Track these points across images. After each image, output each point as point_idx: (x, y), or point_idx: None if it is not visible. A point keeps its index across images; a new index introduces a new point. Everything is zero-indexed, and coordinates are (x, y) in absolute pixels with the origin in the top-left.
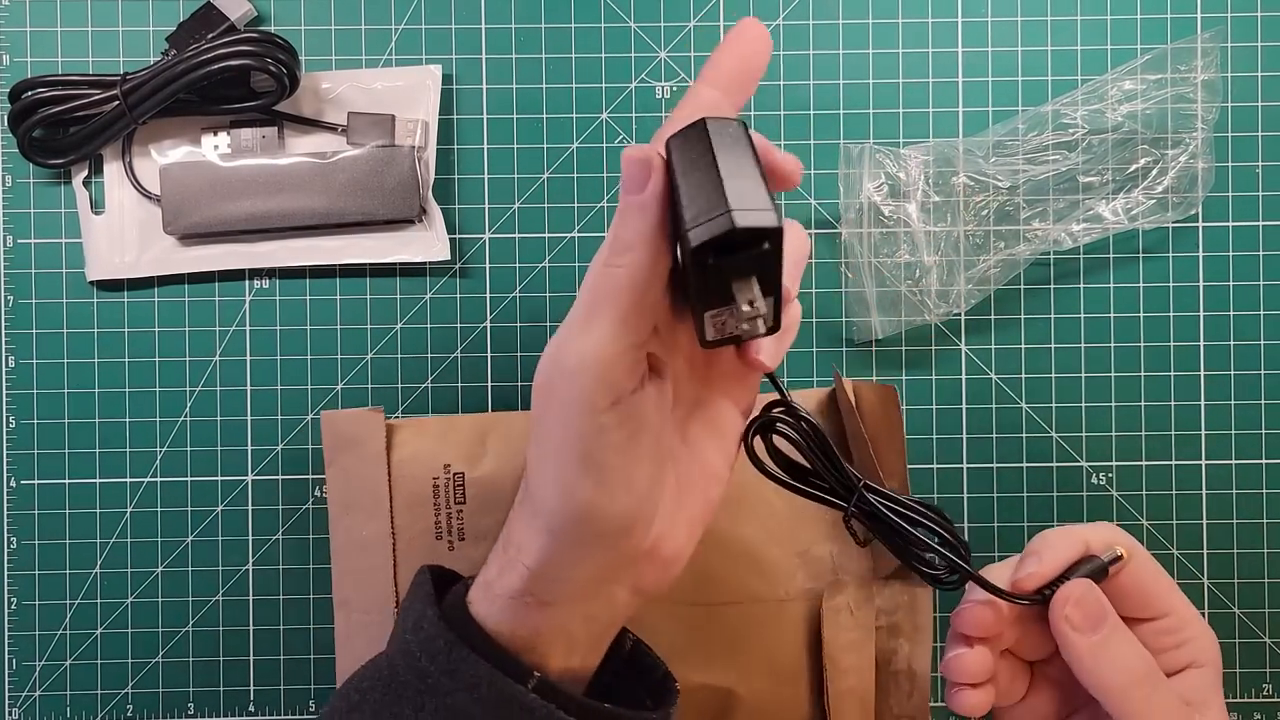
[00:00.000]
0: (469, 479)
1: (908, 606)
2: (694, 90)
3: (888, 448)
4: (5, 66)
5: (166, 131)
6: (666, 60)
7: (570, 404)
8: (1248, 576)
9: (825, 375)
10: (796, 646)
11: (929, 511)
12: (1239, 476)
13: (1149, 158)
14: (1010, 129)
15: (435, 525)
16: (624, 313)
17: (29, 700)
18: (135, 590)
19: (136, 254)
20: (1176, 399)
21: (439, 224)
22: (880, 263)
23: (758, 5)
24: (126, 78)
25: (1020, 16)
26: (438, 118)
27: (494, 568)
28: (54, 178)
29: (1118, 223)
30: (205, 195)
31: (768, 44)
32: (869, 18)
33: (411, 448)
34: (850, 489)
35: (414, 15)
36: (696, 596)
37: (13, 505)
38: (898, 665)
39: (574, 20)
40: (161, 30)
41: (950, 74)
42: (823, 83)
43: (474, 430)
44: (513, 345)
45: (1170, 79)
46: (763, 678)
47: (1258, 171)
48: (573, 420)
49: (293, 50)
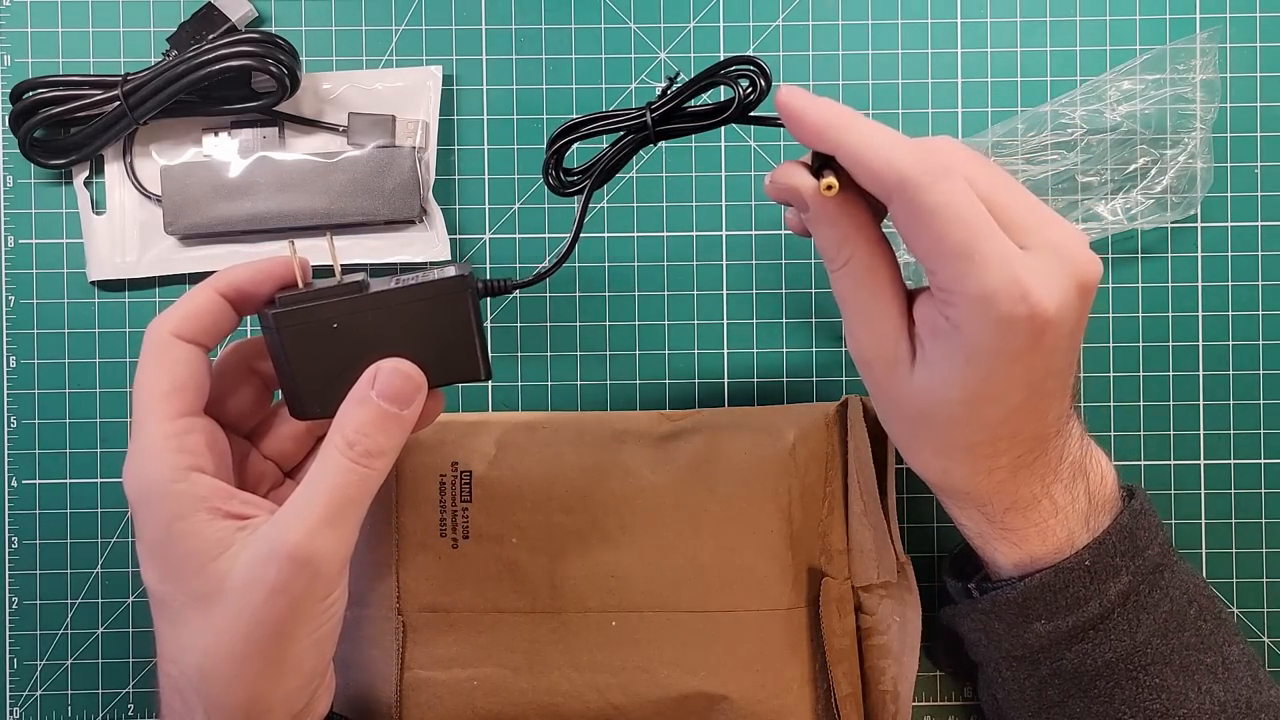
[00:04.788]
0: (476, 478)
1: (899, 628)
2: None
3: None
4: (7, 67)
5: (168, 132)
6: (666, 61)
7: (305, 597)
8: (1247, 576)
9: (825, 375)
10: (791, 655)
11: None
12: (1238, 476)
13: (1148, 158)
14: (1009, 129)
15: (440, 523)
16: (362, 512)
17: (30, 700)
18: (136, 590)
19: (138, 254)
20: (1175, 399)
21: (439, 224)
22: None
23: (757, 6)
24: (128, 78)
25: (1019, 17)
26: (438, 118)
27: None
28: (55, 178)
29: (1116, 223)
30: (206, 196)
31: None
32: (869, 18)
33: (419, 444)
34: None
35: (414, 16)
36: (692, 605)
37: (14, 505)
38: (885, 686)
39: (574, 21)
40: (162, 31)
41: (949, 75)
42: (823, 83)
43: (483, 430)
44: (513, 345)
45: (1169, 79)
46: (757, 686)
47: (1256, 172)
48: (295, 615)
49: (294, 51)
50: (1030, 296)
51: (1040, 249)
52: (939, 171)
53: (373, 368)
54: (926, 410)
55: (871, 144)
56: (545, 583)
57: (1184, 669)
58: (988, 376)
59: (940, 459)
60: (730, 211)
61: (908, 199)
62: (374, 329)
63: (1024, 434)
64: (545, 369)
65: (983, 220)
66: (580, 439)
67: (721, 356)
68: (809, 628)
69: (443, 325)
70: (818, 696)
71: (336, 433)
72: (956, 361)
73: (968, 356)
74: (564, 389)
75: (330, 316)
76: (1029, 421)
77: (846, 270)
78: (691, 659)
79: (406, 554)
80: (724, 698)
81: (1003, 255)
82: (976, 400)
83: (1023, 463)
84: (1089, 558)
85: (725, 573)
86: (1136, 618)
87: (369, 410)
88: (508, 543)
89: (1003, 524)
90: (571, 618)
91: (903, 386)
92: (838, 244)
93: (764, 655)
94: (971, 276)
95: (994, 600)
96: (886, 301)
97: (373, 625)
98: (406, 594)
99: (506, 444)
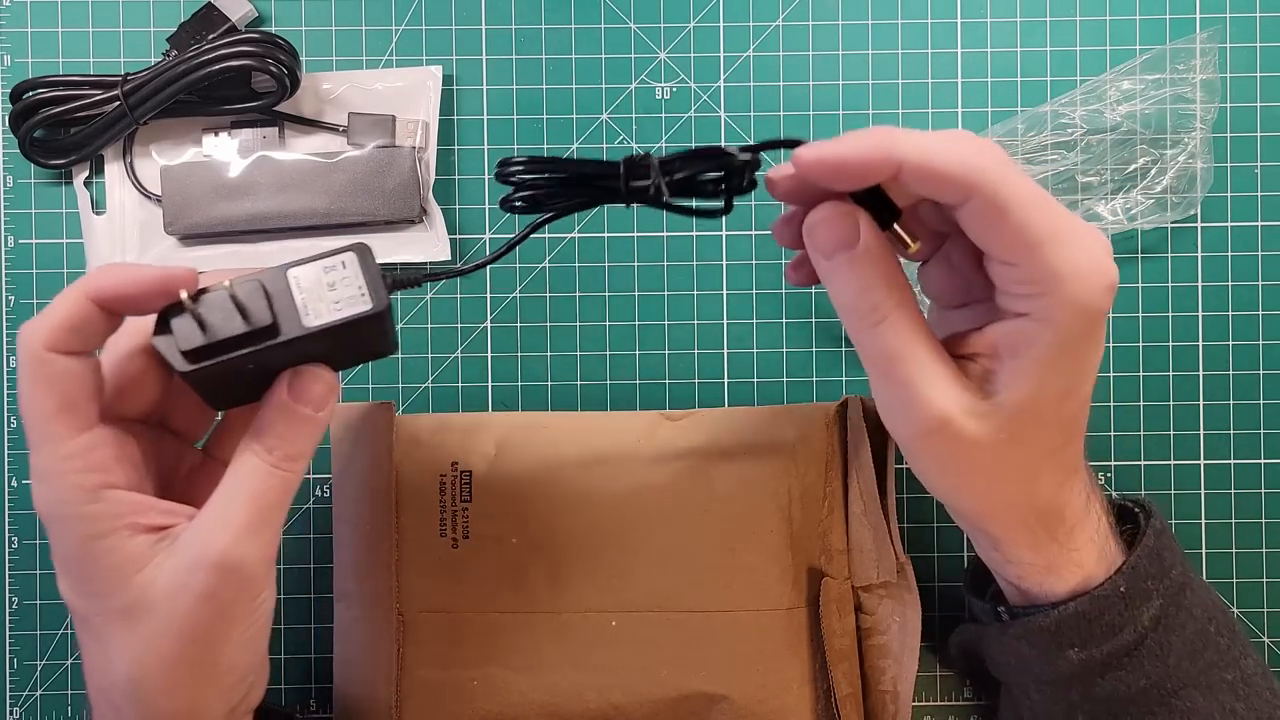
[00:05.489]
0: (476, 478)
1: (899, 628)
2: None
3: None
4: (7, 67)
5: (167, 132)
6: (666, 61)
7: (234, 602)
8: (1246, 576)
9: (825, 375)
10: (791, 655)
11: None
12: (1238, 476)
13: (1147, 158)
14: (1009, 129)
15: (440, 523)
16: (284, 514)
17: (30, 700)
18: None
19: (138, 254)
20: (1175, 399)
21: (439, 224)
22: None
23: (757, 6)
24: (127, 78)
25: (1019, 17)
26: (438, 118)
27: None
28: (55, 178)
29: (1116, 223)
30: (206, 196)
31: None
32: (869, 19)
33: (419, 444)
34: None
35: (414, 16)
36: (692, 605)
37: (14, 505)
38: (885, 686)
39: (574, 21)
40: (162, 31)
41: (949, 75)
42: (822, 83)
43: (483, 430)
44: (513, 345)
45: (1169, 79)
46: (757, 686)
47: (1256, 172)
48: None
49: (294, 51)
50: (1106, 264)
51: (1091, 231)
52: (1007, 160)
53: (290, 371)
54: (1014, 436)
55: (933, 148)
56: (545, 583)
57: (1209, 689)
58: (1078, 363)
59: (1025, 484)
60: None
61: (990, 192)
62: (290, 355)
63: (1081, 431)
64: (545, 369)
65: (1054, 200)
66: (580, 439)
67: (721, 356)
68: (809, 628)
69: (359, 335)
70: (818, 696)
71: (254, 440)
72: (1047, 360)
73: (1062, 346)
74: (564, 389)
75: (244, 364)
76: (1085, 413)
77: (889, 325)
78: (691, 659)
79: (406, 554)
80: (724, 698)
81: (1079, 230)
82: (1067, 396)
83: (1075, 467)
84: (1123, 583)
85: (725, 573)
86: (1167, 640)
87: (286, 414)
88: (508, 543)
89: (1068, 545)
90: (571, 618)
91: (978, 434)
92: (883, 292)
93: (764, 655)
94: (1062, 255)
95: (1026, 626)
96: (939, 351)
97: (373, 625)
98: (406, 594)
99: (506, 444)
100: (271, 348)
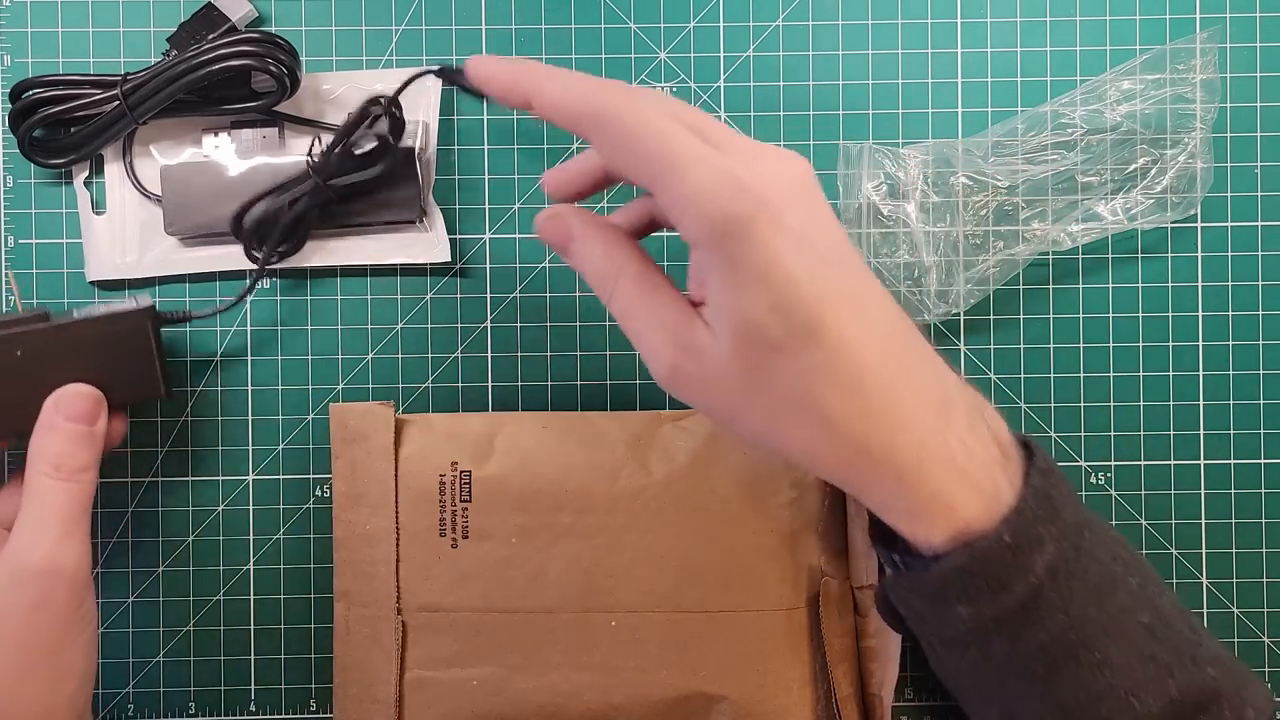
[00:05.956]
0: (476, 478)
1: (883, 632)
2: None
3: None
4: (7, 67)
5: (167, 132)
6: (666, 61)
7: (63, 608)
8: (1246, 576)
9: None
10: (791, 655)
11: None
12: (1238, 476)
13: (1148, 158)
14: (1009, 129)
15: (440, 522)
16: (89, 519)
17: None
18: (136, 590)
19: (138, 254)
20: (1175, 399)
21: (439, 225)
22: (879, 263)
23: (757, 6)
24: (127, 78)
25: (1019, 17)
26: (438, 119)
27: None
28: (55, 178)
29: (1117, 223)
30: (207, 196)
31: None
32: (869, 18)
33: (419, 444)
34: None
35: (414, 16)
36: (692, 605)
37: None
38: (873, 689)
39: (574, 21)
40: (162, 31)
41: (949, 75)
42: (822, 83)
43: (483, 429)
44: (513, 345)
45: (1169, 79)
46: (757, 686)
47: (1256, 172)
48: (59, 625)
49: (294, 51)
50: (741, 178)
51: (742, 149)
52: (632, 93)
53: (53, 395)
54: (751, 364)
55: (565, 83)
56: (545, 583)
57: (1123, 637)
58: (756, 274)
59: (806, 412)
60: None
61: (609, 120)
62: (59, 357)
63: (885, 354)
64: (545, 369)
65: (681, 130)
66: (580, 439)
67: None
68: (809, 628)
69: (126, 351)
70: (818, 697)
71: (39, 462)
72: (721, 282)
73: (720, 263)
74: (564, 389)
75: (14, 346)
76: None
77: (618, 291)
78: (691, 659)
79: (406, 554)
80: (724, 698)
81: (706, 154)
82: (776, 310)
83: (892, 392)
84: (1007, 532)
85: (725, 573)
86: (1069, 588)
87: (60, 433)
88: (507, 543)
89: (918, 485)
90: (571, 618)
91: (710, 369)
92: (604, 265)
93: (764, 655)
94: (688, 177)
95: (914, 580)
96: (670, 301)
97: (373, 625)
98: (406, 594)
99: (506, 444)
100: (40, 331)
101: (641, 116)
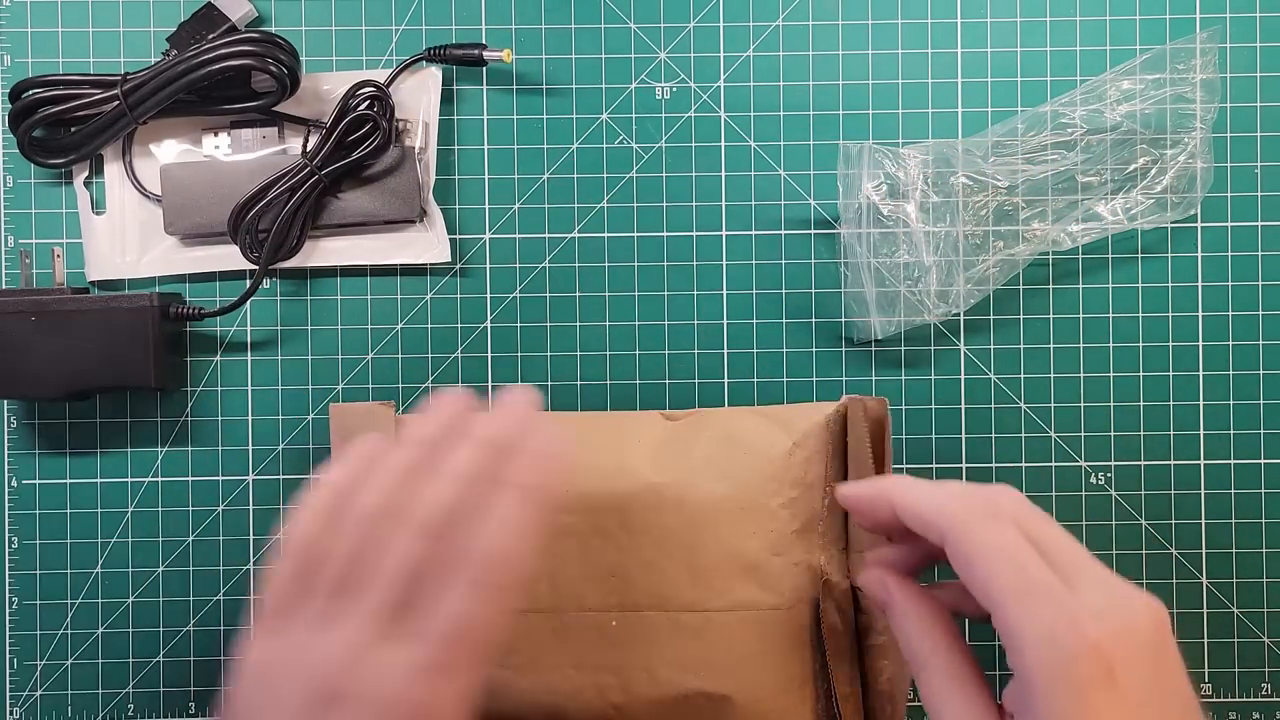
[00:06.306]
0: None
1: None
2: None
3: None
4: (7, 67)
5: (167, 131)
6: (666, 61)
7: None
8: (1246, 576)
9: (825, 375)
10: (791, 654)
11: None
12: (1238, 476)
13: (1147, 157)
14: (1009, 129)
15: None
16: None
17: (30, 700)
18: (136, 590)
19: (138, 254)
20: (1175, 399)
21: (439, 225)
22: (879, 263)
23: (757, 6)
24: (127, 78)
25: (1019, 17)
26: (438, 118)
27: None
28: (55, 178)
29: (1117, 223)
30: (206, 196)
31: None
32: (869, 18)
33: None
34: None
35: (414, 16)
36: (692, 604)
37: (14, 505)
38: (881, 686)
39: (574, 21)
40: (162, 30)
41: (949, 75)
42: (822, 83)
43: None
44: (513, 345)
45: (1169, 79)
46: (757, 685)
47: (1256, 172)
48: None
49: (293, 51)
50: (1086, 629)
51: (1092, 587)
52: (986, 514)
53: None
54: None
55: (923, 494)
56: (545, 582)
57: None
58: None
59: None
60: (730, 211)
61: (957, 540)
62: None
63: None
64: (545, 369)
65: (1032, 559)
66: (581, 439)
67: (721, 356)
68: (809, 627)
69: (125, 336)
70: (818, 696)
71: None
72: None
73: (1050, 708)
74: (564, 389)
75: (30, 312)
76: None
77: (927, 675)
78: (692, 659)
79: None
80: (724, 697)
81: (1054, 591)
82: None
83: None
84: None
85: (725, 572)
86: None
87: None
88: None
89: None
90: (571, 618)
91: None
92: (916, 643)
93: (764, 655)
94: (1028, 616)
95: None
96: (979, 705)
97: None
98: None
99: None
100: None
101: (992, 542)
